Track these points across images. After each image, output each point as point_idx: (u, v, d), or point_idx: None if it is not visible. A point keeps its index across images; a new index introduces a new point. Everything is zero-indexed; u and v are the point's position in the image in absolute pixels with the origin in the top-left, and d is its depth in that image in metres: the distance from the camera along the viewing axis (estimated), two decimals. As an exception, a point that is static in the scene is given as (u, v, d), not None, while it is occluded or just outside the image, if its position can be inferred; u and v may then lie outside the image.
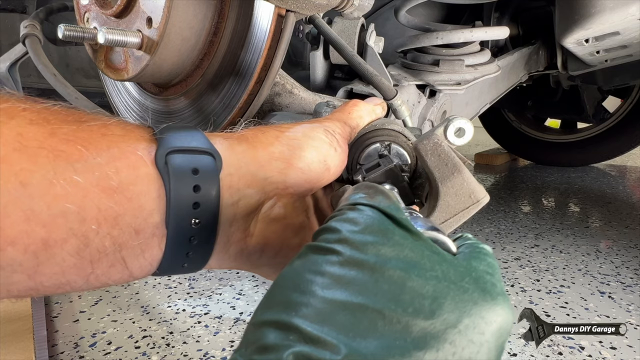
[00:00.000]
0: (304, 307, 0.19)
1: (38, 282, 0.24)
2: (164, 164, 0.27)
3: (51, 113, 0.26)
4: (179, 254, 0.29)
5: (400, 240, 0.22)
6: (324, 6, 0.54)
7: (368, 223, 0.22)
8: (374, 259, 0.20)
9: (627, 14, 0.88)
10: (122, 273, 0.27)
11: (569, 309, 0.87)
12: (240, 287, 0.96)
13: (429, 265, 0.21)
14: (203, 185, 0.28)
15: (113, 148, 0.26)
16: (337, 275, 0.20)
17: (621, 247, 1.21)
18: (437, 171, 0.34)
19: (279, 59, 0.52)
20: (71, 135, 0.25)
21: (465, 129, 0.37)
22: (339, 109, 0.42)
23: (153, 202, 0.27)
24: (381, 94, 0.59)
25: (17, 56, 0.58)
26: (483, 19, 1.30)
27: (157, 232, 0.27)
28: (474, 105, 1.04)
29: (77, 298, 0.91)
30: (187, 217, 0.28)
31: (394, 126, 0.41)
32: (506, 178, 2.22)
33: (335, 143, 0.37)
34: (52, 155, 0.24)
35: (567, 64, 1.23)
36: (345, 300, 0.19)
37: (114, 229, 0.25)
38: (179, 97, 0.60)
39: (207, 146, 0.30)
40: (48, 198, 0.23)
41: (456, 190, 0.33)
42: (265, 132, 0.35)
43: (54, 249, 0.24)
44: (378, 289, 0.19)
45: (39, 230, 0.23)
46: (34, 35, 0.54)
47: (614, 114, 2.15)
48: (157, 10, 0.49)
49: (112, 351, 0.72)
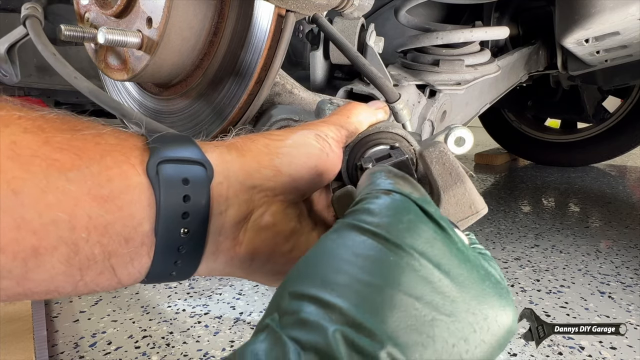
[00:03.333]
0: (344, 288, 0.19)
1: (27, 289, 0.24)
2: (155, 174, 0.27)
3: (46, 121, 0.26)
4: (167, 262, 0.29)
5: (432, 235, 0.22)
6: (324, 6, 0.54)
7: (404, 213, 0.23)
8: (410, 250, 0.21)
9: (627, 14, 0.88)
10: (111, 280, 0.27)
11: (569, 309, 0.87)
12: (240, 287, 0.96)
13: (456, 264, 0.21)
14: (193, 195, 0.29)
15: (106, 157, 0.26)
16: (374, 259, 0.20)
17: (621, 247, 1.21)
18: (441, 179, 0.34)
19: (279, 59, 0.52)
20: (65, 144, 0.25)
21: (466, 138, 0.37)
22: (338, 111, 0.41)
23: (143, 211, 0.27)
24: (384, 96, 0.59)
25: (17, 38, 0.58)
26: (483, 19, 1.29)
27: (146, 241, 0.27)
28: (474, 105, 1.04)
29: (77, 298, 0.91)
30: (176, 226, 0.28)
31: (398, 130, 0.41)
32: (506, 178, 2.22)
33: (328, 148, 0.36)
34: (45, 164, 0.24)
35: (567, 64, 1.23)
36: (382, 287, 0.19)
37: (104, 237, 0.26)
38: (179, 97, 0.60)
39: (198, 156, 0.30)
40: (39, 206, 0.23)
41: (457, 200, 0.34)
42: (255, 140, 0.35)
43: (44, 256, 0.24)
44: (412, 283, 0.20)
45: (29, 238, 0.23)
46: (34, 17, 0.54)
47: (614, 114, 2.15)
48: (157, 10, 0.49)
49: (112, 351, 0.72)
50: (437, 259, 0.21)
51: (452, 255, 0.21)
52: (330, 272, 0.20)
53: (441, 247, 0.21)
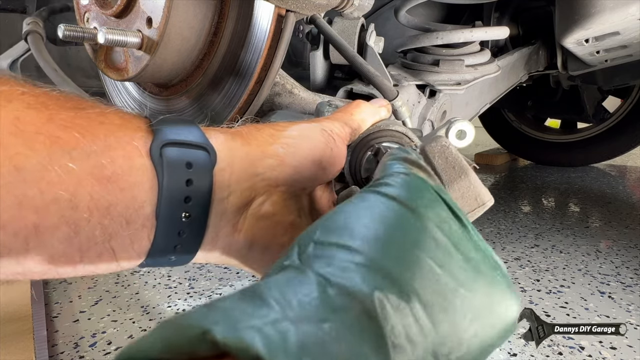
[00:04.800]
0: (373, 241, 0.19)
1: (26, 268, 0.24)
2: (159, 156, 0.27)
3: (50, 98, 0.25)
4: (167, 246, 0.29)
5: (450, 217, 0.22)
6: (324, 6, 0.54)
7: (423, 190, 0.23)
8: (431, 222, 0.21)
9: (627, 14, 0.88)
10: (110, 263, 0.27)
11: (569, 309, 0.87)
12: (240, 287, 0.96)
13: (471, 248, 0.21)
14: (195, 180, 0.28)
15: (110, 137, 0.26)
16: (400, 221, 0.21)
17: (621, 247, 1.21)
18: (445, 174, 0.34)
19: (279, 59, 0.52)
20: (69, 121, 0.25)
21: (467, 131, 0.37)
22: (341, 110, 0.41)
23: (145, 194, 0.27)
24: (382, 95, 0.59)
25: (19, 53, 0.58)
26: (483, 19, 1.29)
27: (147, 224, 0.27)
28: (474, 105, 1.04)
29: (77, 298, 0.91)
30: (178, 210, 0.28)
31: (398, 127, 0.41)
32: (506, 178, 2.22)
33: (332, 143, 0.36)
34: (49, 141, 0.24)
35: (567, 64, 1.23)
36: (408, 246, 0.20)
37: (105, 218, 0.25)
38: (179, 97, 0.60)
39: (202, 141, 0.30)
40: (42, 184, 0.23)
41: (462, 193, 0.34)
42: (261, 129, 0.35)
43: (45, 235, 0.24)
44: (436, 251, 0.20)
45: (30, 215, 0.23)
46: (36, 33, 0.54)
47: (614, 114, 2.15)
48: (157, 10, 0.49)
49: (112, 351, 0.72)
50: (454, 239, 0.21)
51: (467, 240, 0.22)
52: (358, 226, 0.20)
53: (457, 230, 0.22)
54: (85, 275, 0.28)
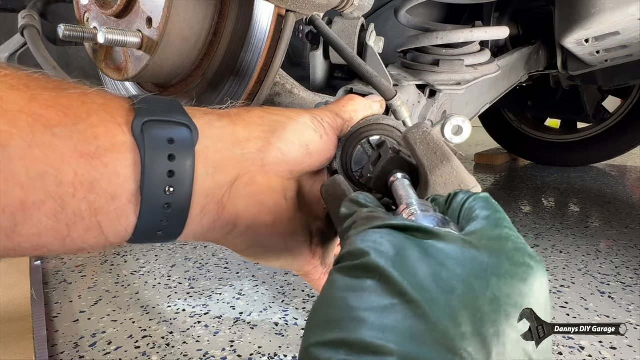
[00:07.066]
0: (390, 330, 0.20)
1: (16, 243, 0.25)
2: (140, 132, 0.28)
3: (32, 80, 0.26)
4: (153, 221, 0.29)
5: (417, 256, 0.23)
6: (324, 6, 0.54)
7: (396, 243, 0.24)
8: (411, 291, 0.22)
9: (627, 14, 0.88)
10: (98, 238, 0.28)
11: (569, 309, 0.87)
12: (240, 287, 0.96)
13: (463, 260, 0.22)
14: (178, 155, 0.29)
15: (92, 115, 0.27)
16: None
17: (621, 247, 1.21)
18: (426, 160, 0.33)
19: (279, 59, 0.52)
20: (51, 101, 0.26)
21: (463, 127, 0.37)
22: (334, 102, 0.42)
23: (128, 169, 0.27)
24: (380, 94, 0.59)
25: (17, 47, 0.58)
26: (483, 19, 1.29)
27: (132, 199, 0.28)
28: (474, 105, 1.04)
29: (77, 298, 0.91)
30: (161, 184, 0.28)
31: (389, 121, 0.41)
32: (506, 178, 2.22)
33: (322, 130, 0.37)
34: (32, 120, 0.24)
35: (567, 64, 1.23)
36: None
37: (91, 193, 0.26)
38: (179, 97, 0.60)
39: (184, 118, 0.31)
40: (27, 160, 0.24)
41: (445, 180, 0.33)
42: (251, 111, 0.36)
43: (32, 210, 0.24)
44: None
45: (17, 191, 0.23)
46: (32, 26, 0.54)
47: (614, 114, 2.15)
48: (157, 10, 0.49)
49: (112, 351, 0.72)
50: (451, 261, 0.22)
51: (460, 253, 0.23)
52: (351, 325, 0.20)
53: (448, 252, 0.23)
54: (75, 252, 0.28)
